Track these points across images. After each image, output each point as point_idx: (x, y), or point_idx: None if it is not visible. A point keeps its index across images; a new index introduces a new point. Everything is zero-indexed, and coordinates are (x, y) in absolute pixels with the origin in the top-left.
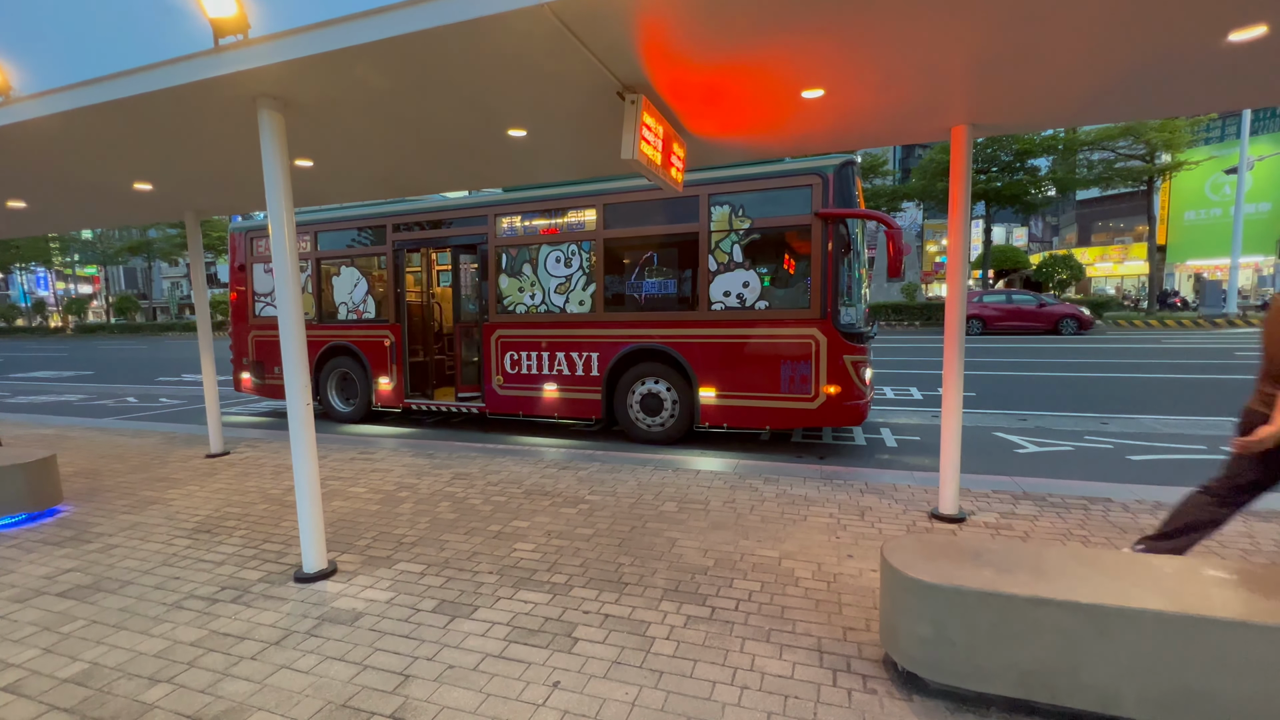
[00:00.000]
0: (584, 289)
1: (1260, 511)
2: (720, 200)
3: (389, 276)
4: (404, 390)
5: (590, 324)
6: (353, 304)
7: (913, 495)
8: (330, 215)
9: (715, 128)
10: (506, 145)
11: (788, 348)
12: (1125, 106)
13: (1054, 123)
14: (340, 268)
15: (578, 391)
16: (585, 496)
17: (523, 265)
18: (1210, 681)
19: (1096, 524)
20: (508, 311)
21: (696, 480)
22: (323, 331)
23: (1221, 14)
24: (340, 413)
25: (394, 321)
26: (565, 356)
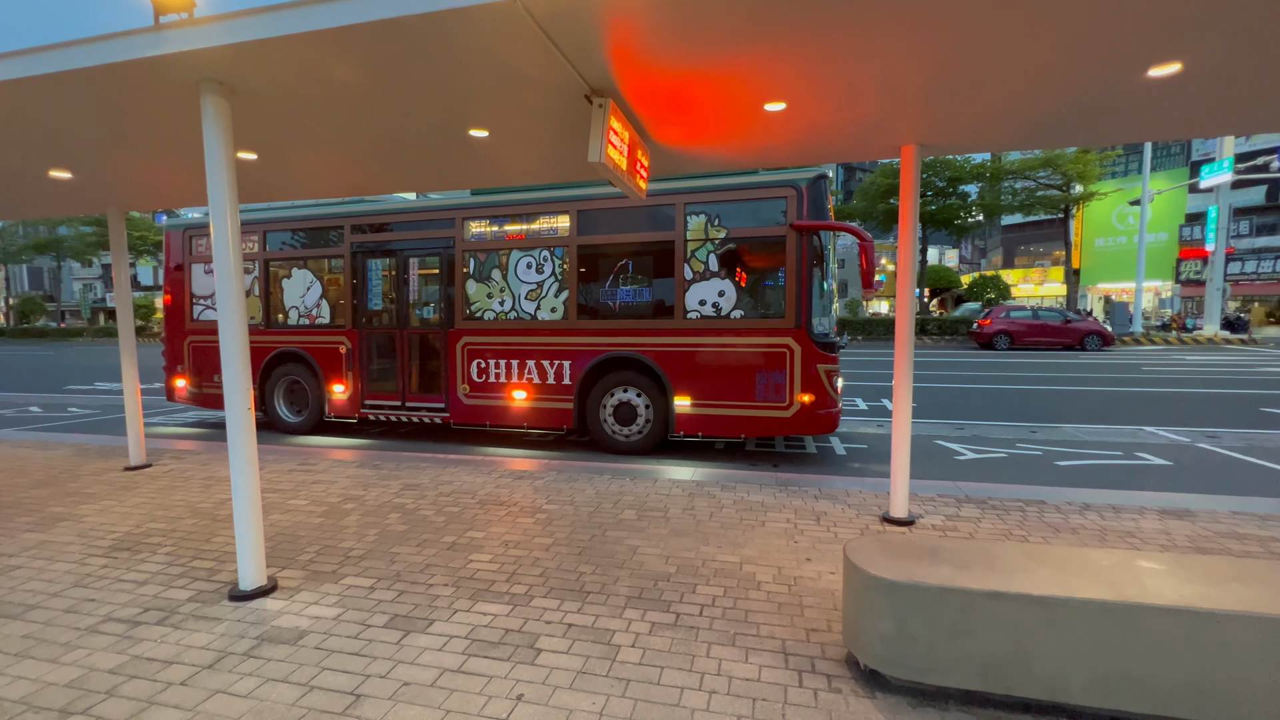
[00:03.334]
0: (556, 296)
1: (1174, 510)
2: (696, 209)
3: (346, 280)
4: (360, 399)
5: (563, 331)
6: (305, 308)
7: (864, 500)
8: (281, 214)
9: (680, 136)
10: (468, 146)
11: (763, 357)
12: (1059, 134)
13: (994, 146)
14: (291, 270)
15: (549, 401)
16: (543, 506)
17: (492, 270)
18: (1148, 666)
19: (1033, 524)
20: (475, 318)
21: (655, 488)
22: (270, 337)
23: (1142, 51)
24: (288, 423)
25: (351, 327)
26: (536, 365)
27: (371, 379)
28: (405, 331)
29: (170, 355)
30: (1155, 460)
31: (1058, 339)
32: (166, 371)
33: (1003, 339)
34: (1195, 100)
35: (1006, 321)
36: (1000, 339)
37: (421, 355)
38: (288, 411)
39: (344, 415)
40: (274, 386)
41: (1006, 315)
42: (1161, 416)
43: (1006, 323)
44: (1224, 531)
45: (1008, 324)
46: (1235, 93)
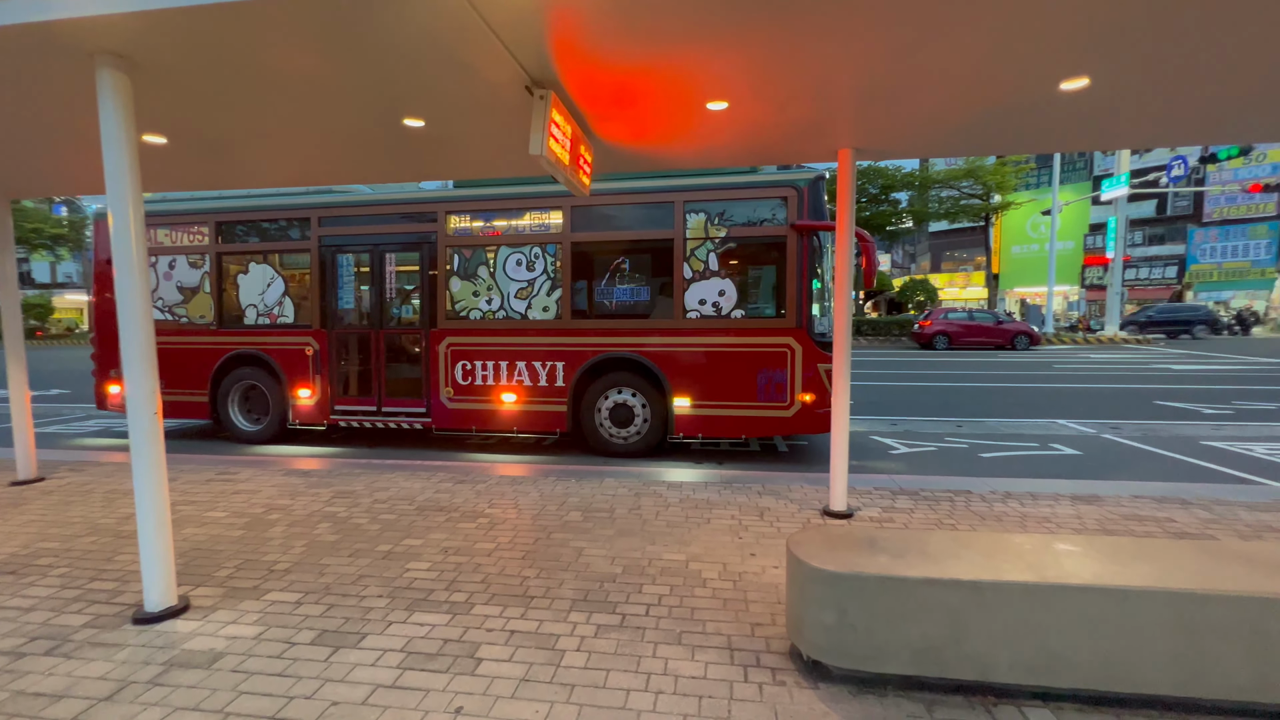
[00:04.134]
0: (549, 294)
1: (1085, 496)
2: (695, 208)
3: (314, 276)
4: (330, 405)
5: (556, 331)
6: (265, 306)
7: (805, 496)
8: (237, 204)
9: (624, 133)
10: (404, 136)
11: (764, 356)
12: (983, 141)
13: (924, 152)
14: (248, 264)
15: (541, 404)
16: (485, 510)
17: (478, 267)
18: (1066, 642)
19: (962, 513)
20: (460, 317)
21: (601, 489)
22: (224, 338)
23: (1053, 65)
24: (245, 431)
25: (319, 327)
26: (527, 366)
27: (342, 383)
28: (381, 332)
29: (102, 358)
30: (1067, 450)
31: (991, 339)
32: (97, 376)
33: (941, 339)
34: (1103, 114)
35: (945, 323)
36: (939, 339)
37: (399, 357)
38: (244, 419)
39: (311, 422)
40: (228, 392)
41: (945, 317)
42: (1071, 410)
43: (945, 324)
44: (1127, 514)
45: (946, 325)
46: (1137, 108)
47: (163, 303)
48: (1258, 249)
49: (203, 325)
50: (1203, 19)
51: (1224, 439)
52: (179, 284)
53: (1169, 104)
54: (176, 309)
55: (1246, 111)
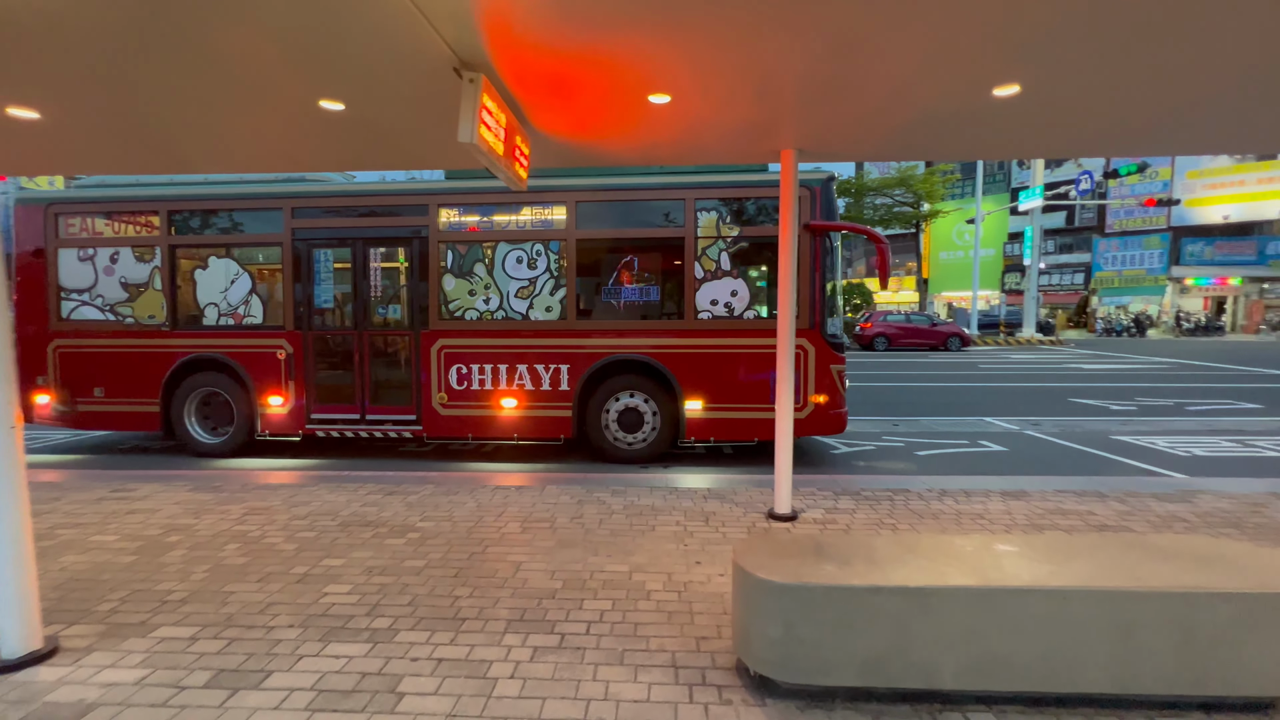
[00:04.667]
0: (552, 294)
1: (1013, 491)
2: (707, 206)
3: (287, 272)
4: (305, 413)
5: (561, 333)
6: (228, 306)
7: (750, 499)
8: (193, 191)
9: (563, 124)
10: (322, 121)
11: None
12: (919, 146)
13: (863, 155)
14: (208, 259)
15: (544, 408)
16: (416, 524)
17: (474, 265)
18: (1009, 645)
19: (901, 513)
20: (455, 318)
21: (541, 498)
22: (178, 341)
23: (986, 71)
24: (204, 444)
25: (293, 328)
26: (529, 369)
27: (320, 389)
28: (365, 333)
29: (23, 363)
30: (994, 447)
31: (926, 340)
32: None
33: (881, 340)
34: (1035, 123)
35: (884, 325)
36: (879, 340)
37: (386, 361)
38: (202, 430)
39: (283, 432)
40: (184, 400)
41: (884, 320)
42: (997, 408)
43: (884, 326)
44: (1051, 509)
45: (885, 327)
46: (1067, 117)
47: (103, 301)
48: (1151, 258)
49: (153, 326)
50: (1130, 31)
51: (1130, 433)
52: (123, 280)
53: (1098, 114)
54: (120, 308)
55: (1171, 124)
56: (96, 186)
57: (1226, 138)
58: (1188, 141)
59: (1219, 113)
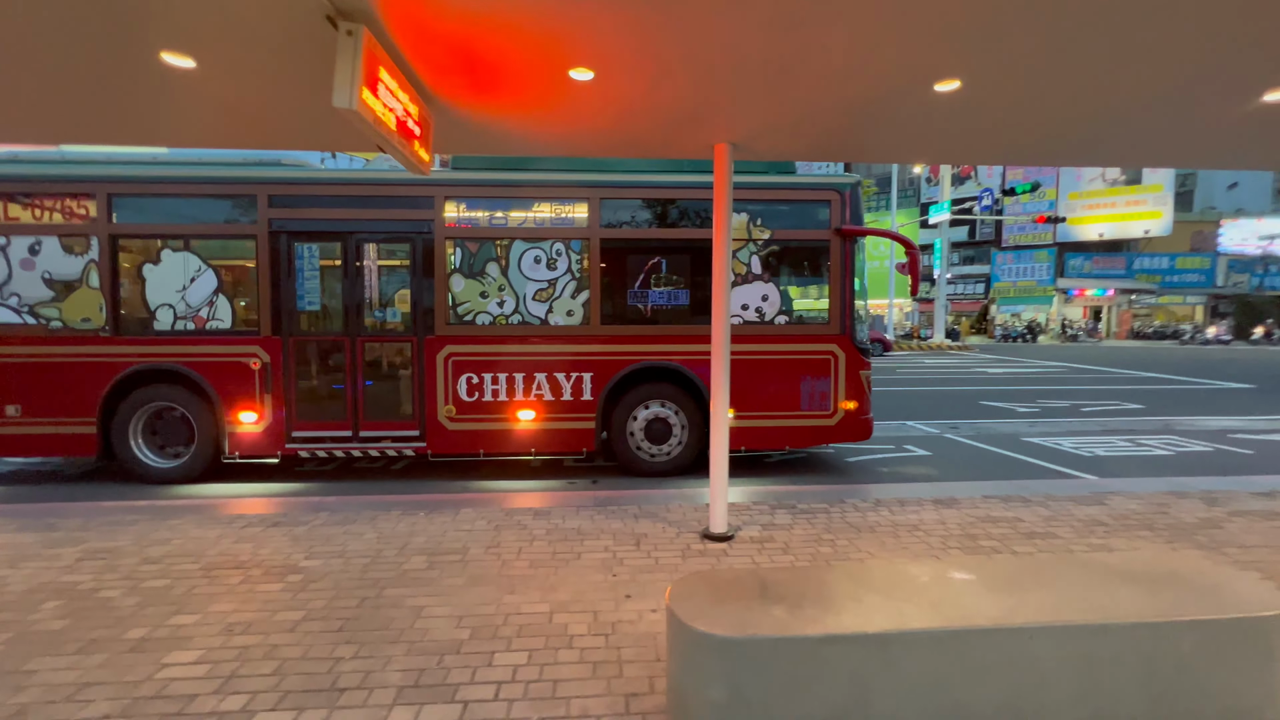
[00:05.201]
0: (573, 297)
1: (943, 499)
2: (738, 207)
3: (262, 269)
4: (285, 431)
5: (583, 339)
6: (187, 307)
7: (684, 516)
8: (141, 171)
9: (470, 97)
10: (166, 81)
11: (809, 364)
12: (862, 145)
13: (802, 154)
14: (160, 252)
15: (564, 420)
16: (299, 563)
17: (486, 264)
18: (973, 691)
19: (839, 526)
20: (464, 322)
21: (454, 523)
22: (122, 349)
23: (929, 64)
24: (156, 468)
25: (270, 333)
26: (548, 378)
27: (304, 403)
28: (360, 339)
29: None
30: (919, 451)
31: None
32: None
33: None
34: (977, 121)
35: None
36: None
37: (383, 370)
38: (153, 453)
39: (258, 454)
40: (129, 419)
41: None
42: (917, 411)
43: None
44: (981, 516)
45: None
46: (1008, 118)
47: (18, 301)
48: (1040, 270)
49: (88, 331)
50: (1075, 26)
51: (1039, 435)
52: (46, 275)
53: (1040, 118)
54: (42, 310)
55: (1111, 134)
56: (9, 161)
57: (1161, 150)
58: (1125, 152)
59: (1158, 124)
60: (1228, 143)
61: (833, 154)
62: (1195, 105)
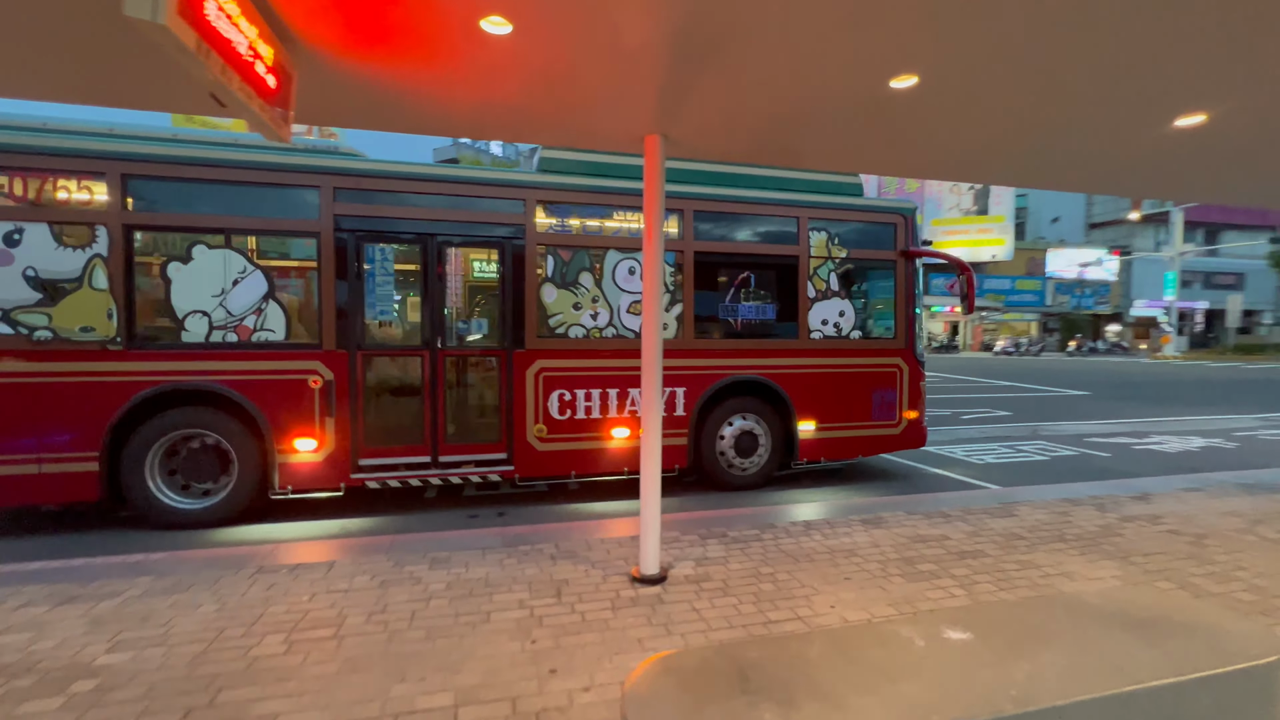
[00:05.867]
0: (667, 310)
1: (871, 519)
2: (818, 225)
3: (326, 273)
4: (351, 459)
5: (678, 353)
6: (228, 315)
7: (609, 554)
8: (170, 148)
9: (347, 44)
10: None
11: (878, 376)
12: (803, 147)
13: (733, 153)
14: (191, 248)
15: (663, 436)
16: (97, 659)
17: (579, 274)
18: None
19: (776, 557)
20: (555, 335)
21: (327, 581)
22: (138, 365)
23: (884, 62)
24: (181, 511)
25: (335, 346)
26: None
27: (373, 426)
28: (441, 354)
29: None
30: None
31: None
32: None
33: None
34: (925, 127)
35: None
36: None
37: (466, 387)
38: (172, 491)
39: (317, 486)
40: (143, 451)
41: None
42: None
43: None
44: (911, 535)
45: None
46: (958, 121)
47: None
48: None
49: (90, 344)
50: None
51: (933, 443)
52: (31, 273)
53: (986, 125)
54: (22, 316)
55: (1044, 151)
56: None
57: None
58: (1054, 174)
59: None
60: (1142, 169)
61: (778, 158)
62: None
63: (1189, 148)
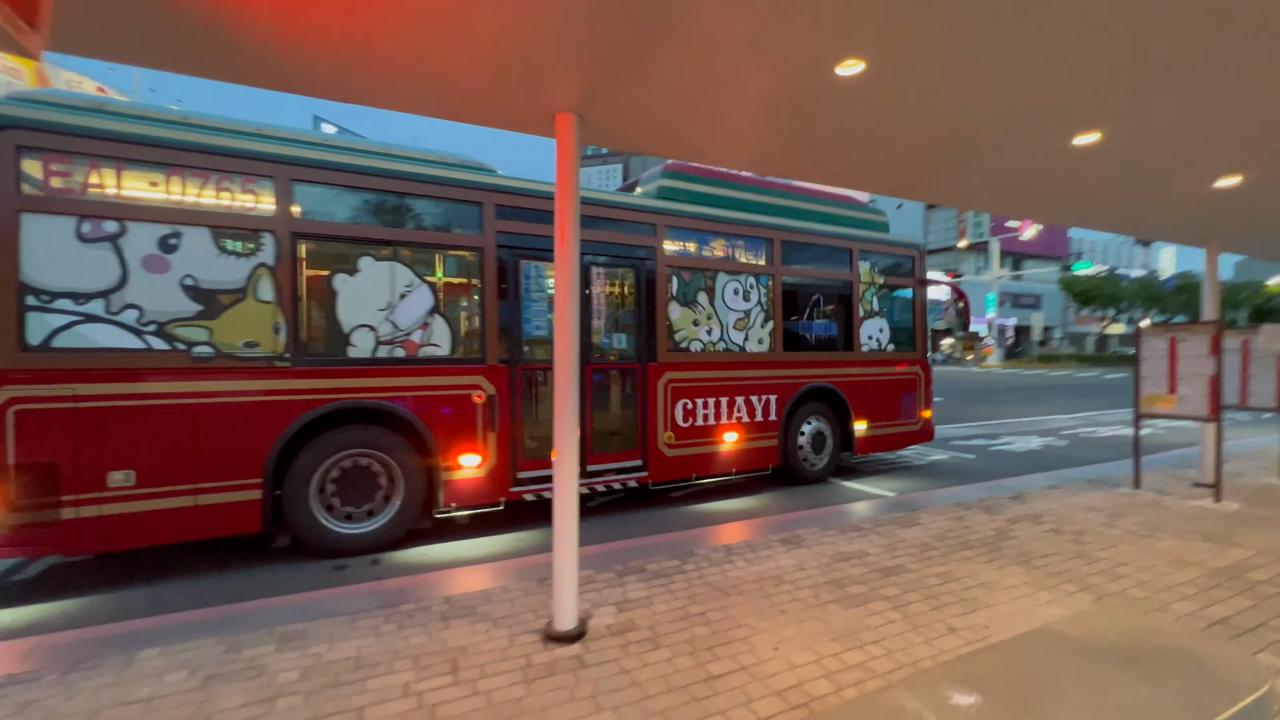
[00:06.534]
0: (762, 326)
1: (790, 538)
2: (865, 256)
3: (489, 288)
4: (511, 474)
5: (772, 364)
6: (395, 329)
7: (513, 606)
8: (335, 155)
9: None
10: None
11: (906, 382)
12: (743, 144)
13: (655, 146)
14: (358, 260)
15: (757, 440)
16: None
17: (698, 293)
18: None
19: (702, 592)
20: (680, 349)
21: (123, 684)
22: (306, 384)
23: (830, 47)
24: (348, 536)
25: (496, 361)
26: (745, 401)
27: (530, 439)
28: (588, 367)
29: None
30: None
31: None
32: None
33: None
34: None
35: None
36: None
37: (608, 399)
38: (329, 516)
39: (478, 502)
40: (312, 473)
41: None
42: None
43: None
44: (832, 554)
45: None
46: (899, 116)
47: (139, 316)
48: None
49: (255, 360)
50: None
51: None
52: (190, 283)
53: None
54: (180, 330)
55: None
56: (132, 114)
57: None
58: (969, 194)
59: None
60: (1052, 192)
61: (687, 153)
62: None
63: (1081, 171)
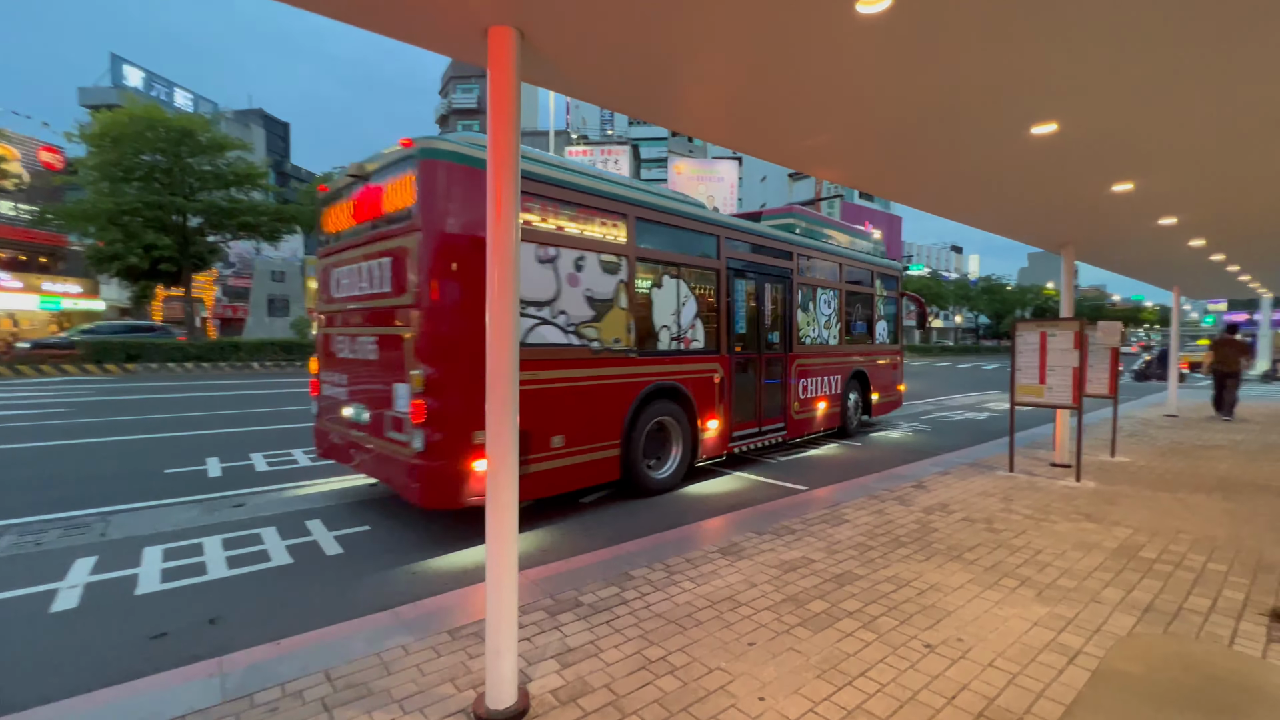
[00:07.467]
0: (834, 325)
1: (726, 547)
2: (877, 274)
3: (722, 298)
4: (729, 433)
5: (837, 353)
6: (677, 329)
7: (428, 675)
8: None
9: None
10: None
11: (894, 365)
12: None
13: (614, 89)
14: (662, 278)
15: (831, 406)
16: None
17: (808, 302)
18: None
19: (654, 626)
20: (802, 343)
21: None
22: (642, 369)
23: None
24: (658, 480)
25: (724, 352)
26: (827, 379)
27: (736, 408)
28: (762, 356)
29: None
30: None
31: None
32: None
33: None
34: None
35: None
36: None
37: (770, 379)
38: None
39: (713, 455)
40: (641, 434)
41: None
42: None
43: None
44: (775, 563)
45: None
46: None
47: (566, 319)
48: None
49: (620, 353)
50: None
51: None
52: (589, 294)
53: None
54: (584, 330)
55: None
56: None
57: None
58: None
59: None
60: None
61: (633, 108)
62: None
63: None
